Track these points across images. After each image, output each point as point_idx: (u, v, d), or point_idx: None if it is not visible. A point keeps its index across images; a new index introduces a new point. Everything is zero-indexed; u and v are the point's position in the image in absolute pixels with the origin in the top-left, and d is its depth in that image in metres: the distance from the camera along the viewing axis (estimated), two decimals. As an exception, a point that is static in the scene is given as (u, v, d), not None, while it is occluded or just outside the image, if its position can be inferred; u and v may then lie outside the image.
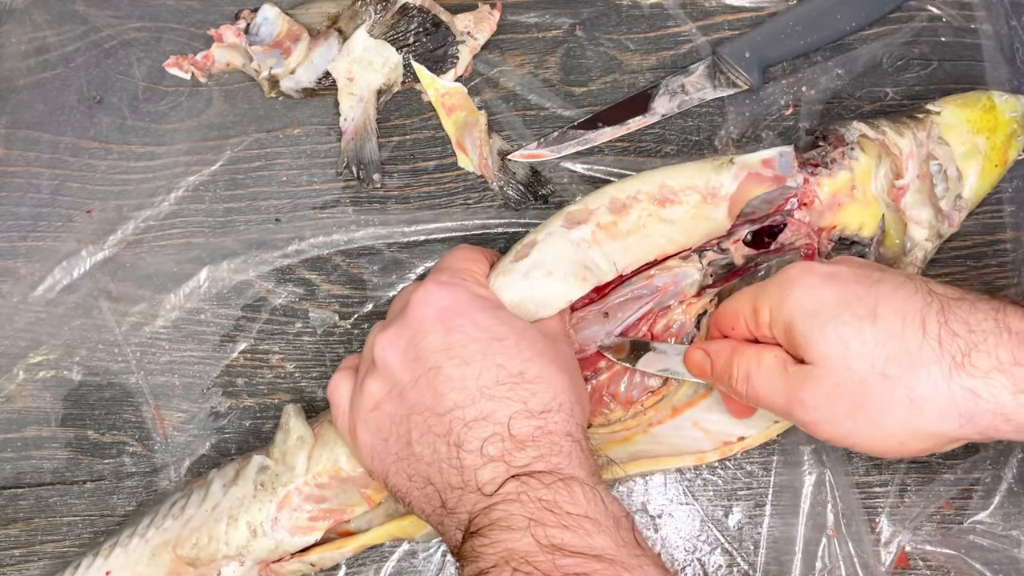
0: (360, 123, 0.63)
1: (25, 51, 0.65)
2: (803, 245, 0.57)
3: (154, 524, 0.56)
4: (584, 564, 0.40)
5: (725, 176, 0.54)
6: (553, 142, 0.62)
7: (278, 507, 0.53)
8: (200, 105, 0.65)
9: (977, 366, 0.42)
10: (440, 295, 0.49)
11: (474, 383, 0.46)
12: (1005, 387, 0.42)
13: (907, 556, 0.57)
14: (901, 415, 0.43)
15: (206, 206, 0.63)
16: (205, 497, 0.55)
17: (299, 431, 0.55)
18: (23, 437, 0.61)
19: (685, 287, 0.56)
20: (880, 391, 0.43)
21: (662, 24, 0.65)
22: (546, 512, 0.42)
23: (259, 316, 0.62)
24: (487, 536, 0.42)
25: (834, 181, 0.56)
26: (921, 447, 0.45)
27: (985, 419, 0.42)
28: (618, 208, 0.54)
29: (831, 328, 0.45)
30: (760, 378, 0.48)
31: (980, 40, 0.63)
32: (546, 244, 0.53)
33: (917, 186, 0.56)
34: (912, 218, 0.56)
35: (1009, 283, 0.60)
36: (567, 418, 0.46)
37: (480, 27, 0.64)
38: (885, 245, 0.57)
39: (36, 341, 0.62)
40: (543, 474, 0.43)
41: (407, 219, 0.62)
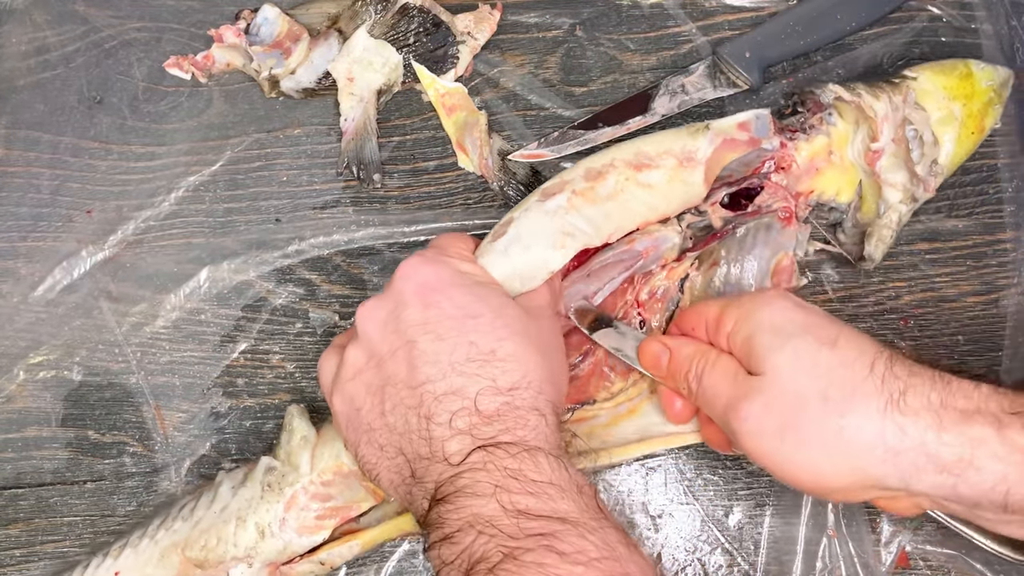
0: (360, 123, 0.63)
1: (25, 51, 0.66)
2: (780, 208, 0.57)
3: (164, 525, 0.56)
4: (548, 526, 0.42)
5: (701, 141, 0.54)
6: (553, 142, 0.62)
7: (285, 507, 0.53)
8: (200, 105, 0.65)
9: (909, 405, 0.44)
10: (422, 270, 0.50)
11: (447, 358, 0.47)
12: (929, 426, 0.43)
13: (907, 556, 0.57)
14: (828, 441, 0.45)
15: (206, 206, 0.63)
16: (214, 499, 0.55)
17: (302, 431, 0.55)
18: (23, 437, 0.61)
19: (665, 251, 0.57)
20: (815, 413, 0.45)
21: (662, 24, 0.65)
22: (511, 479, 0.43)
23: (259, 316, 0.62)
24: (452, 503, 0.43)
25: (811, 146, 0.57)
26: (834, 485, 0.45)
27: (908, 457, 0.44)
28: (594, 175, 0.54)
29: (791, 344, 0.46)
30: (710, 379, 0.49)
31: (980, 40, 0.63)
32: (522, 219, 0.54)
33: (892, 150, 0.56)
34: (887, 181, 0.57)
35: (1009, 283, 0.60)
36: (535, 395, 0.47)
37: (480, 27, 0.64)
38: (862, 211, 0.58)
39: (36, 341, 0.62)
40: (508, 445, 0.44)
41: (407, 219, 0.62)
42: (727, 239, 0.57)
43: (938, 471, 0.43)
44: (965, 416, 0.43)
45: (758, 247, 0.57)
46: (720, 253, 0.57)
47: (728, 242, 0.57)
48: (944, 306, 0.60)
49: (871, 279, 0.61)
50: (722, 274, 0.57)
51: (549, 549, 0.41)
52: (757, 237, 0.57)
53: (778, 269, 0.57)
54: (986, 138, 0.61)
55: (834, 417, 0.44)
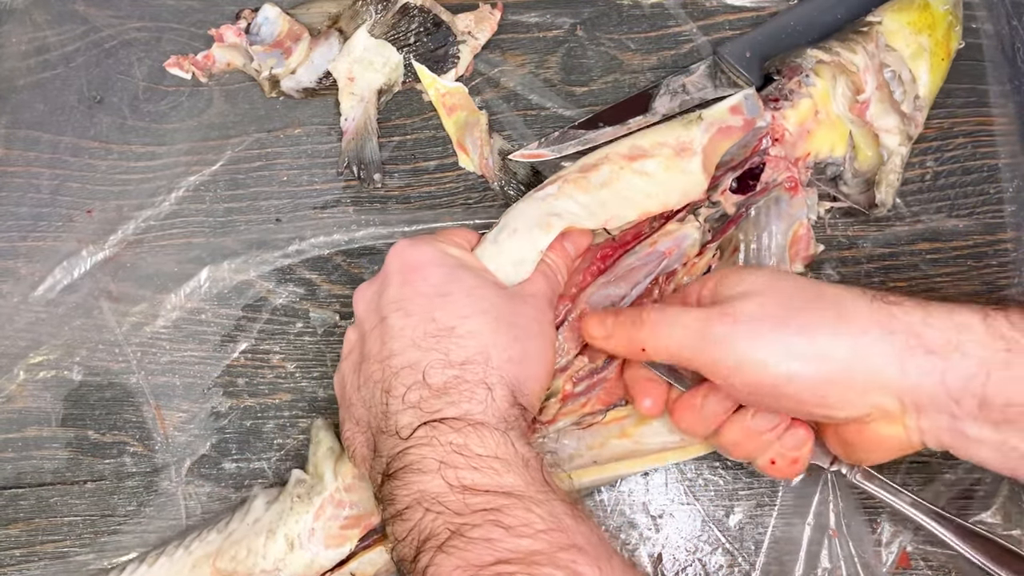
0: (361, 123, 0.63)
1: (25, 51, 0.65)
2: (785, 179, 0.58)
3: (199, 537, 0.56)
4: (493, 500, 0.42)
5: (695, 131, 0.55)
6: (554, 142, 0.62)
7: (314, 517, 0.53)
8: (201, 105, 0.65)
9: (893, 299, 0.45)
10: (409, 251, 0.51)
11: (409, 333, 0.48)
12: (915, 309, 0.45)
13: (908, 556, 0.57)
14: (828, 324, 0.45)
15: (207, 206, 0.63)
16: (248, 512, 0.56)
17: (328, 443, 0.56)
18: (24, 437, 0.61)
19: (687, 248, 0.57)
20: (810, 309, 0.46)
21: (663, 24, 0.65)
22: (455, 455, 0.44)
23: (260, 316, 0.62)
24: (400, 479, 0.44)
25: (798, 111, 0.57)
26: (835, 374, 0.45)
27: (900, 339, 0.44)
28: (587, 168, 0.55)
29: (764, 271, 0.49)
30: (667, 315, 0.48)
31: (981, 40, 0.64)
32: (512, 210, 0.55)
33: (878, 96, 0.57)
34: (881, 128, 0.58)
35: (1009, 283, 0.60)
36: (486, 369, 0.47)
37: (481, 27, 0.64)
38: (858, 160, 0.58)
39: (36, 341, 0.62)
40: (453, 420, 0.45)
41: (408, 219, 0.62)
42: (742, 222, 0.58)
43: (927, 352, 0.44)
44: (950, 309, 0.45)
45: (772, 222, 0.58)
46: (738, 237, 0.58)
47: (744, 225, 0.58)
48: (945, 306, 0.60)
49: (871, 279, 0.61)
50: (743, 257, 0.58)
51: (495, 524, 0.41)
52: (770, 213, 0.58)
53: (795, 239, 0.58)
54: (988, 138, 0.61)
55: (828, 310, 0.45)
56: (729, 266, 0.58)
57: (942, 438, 0.45)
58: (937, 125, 0.63)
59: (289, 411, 0.61)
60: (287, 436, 0.60)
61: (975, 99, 0.63)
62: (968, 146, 0.63)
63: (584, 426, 0.57)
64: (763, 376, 0.45)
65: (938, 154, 0.62)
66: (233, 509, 0.57)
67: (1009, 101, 0.63)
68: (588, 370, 0.56)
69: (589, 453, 0.56)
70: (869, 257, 0.61)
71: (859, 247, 0.61)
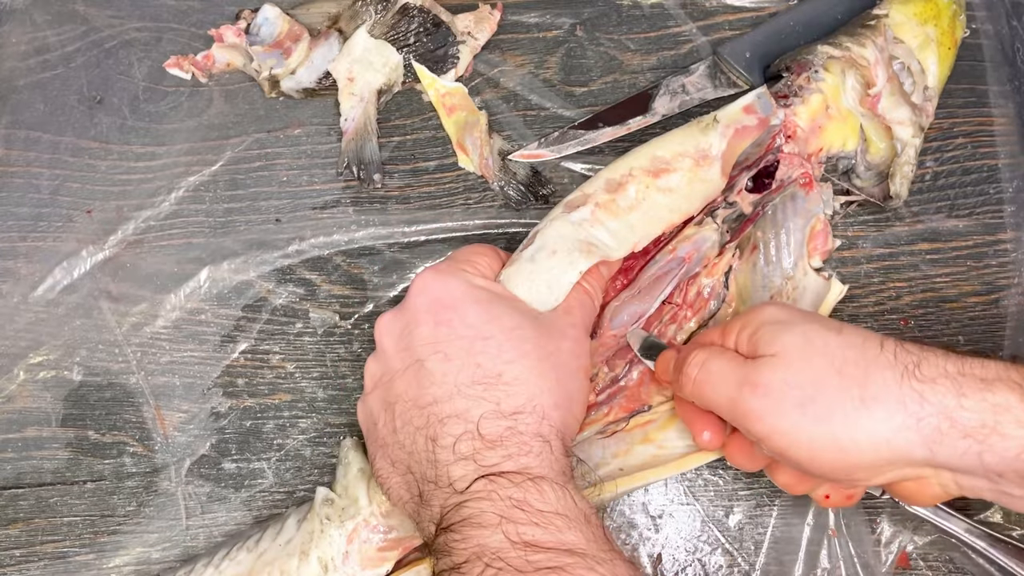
0: (360, 123, 0.63)
1: (25, 51, 0.65)
2: (799, 175, 0.58)
3: (229, 556, 0.55)
4: (556, 559, 0.41)
5: (713, 136, 0.55)
6: (553, 142, 0.62)
7: (347, 540, 0.53)
8: (201, 105, 0.65)
9: (925, 374, 0.43)
10: (435, 285, 0.50)
11: (452, 379, 0.46)
12: (948, 391, 0.42)
13: (908, 556, 0.57)
14: (850, 413, 0.43)
15: (206, 206, 0.63)
16: (280, 531, 0.55)
17: (358, 463, 0.55)
18: (23, 437, 0.61)
19: (707, 250, 0.57)
20: (834, 386, 0.44)
21: (663, 24, 0.65)
22: (516, 510, 0.43)
23: (260, 316, 0.62)
24: (459, 532, 0.43)
25: (809, 107, 0.58)
26: (858, 460, 0.44)
27: (931, 423, 0.42)
28: (614, 187, 0.54)
29: (800, 328, 0.46)
30: (715, 362, 0.48)
31: (981, 40, 0.64)
32: (548, 229, 0.54)
33: (889, 89, 0.57)
34: (893, 120, 0.58)
35: (1009, 283, 0.60)
36: (539, 420, 0.46)
37: (481, 27, 0.64)
38: (871, 153, 0.58)
39: (36, 341, 0.62)
40: (512, 474, 0.44)
41: (408, 219, 0.62)
42: (759, 221, 0.58)
43: (962, 436, 0.42)
44: (985, 383, 0.42)
45: (789, 219, 0.58)
46: (756, 236, 0.58)
47: (761, 223, 0.58)
48: (944, 306, 0.60)
49: (871, 279, 0.61)
50: (762, 255, 0.58)
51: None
52: (787, 210, 0.58)
53: (813, 235, 0.58)
54: (988, 138, 0.61)
55: (853, 389, 0.43)
56: (748, 265, 0.58)
57: (983, 495, 0.45)
58: (937, 125, 0.63)
59: (289, 411, 0.61)
60: (287, 436, 0.60)
61: (975, 99, 0.63)
62: (968, 146, 0.63)
63: (608, 434, 0.57)
64: (790, 450, 0.45)
65: (938, 154, 0.63)
66: (263, 526, 0.57)
67: (1009, 101, 0.63)
68: (609, 379, 0.56)
69: (615, 461, 0.56)
70: (869, 257, 0.61)
71: (859, 247, 0.61)
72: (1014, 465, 0.42)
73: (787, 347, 0.45)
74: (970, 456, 0.42)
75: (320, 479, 0.60)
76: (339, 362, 0.61)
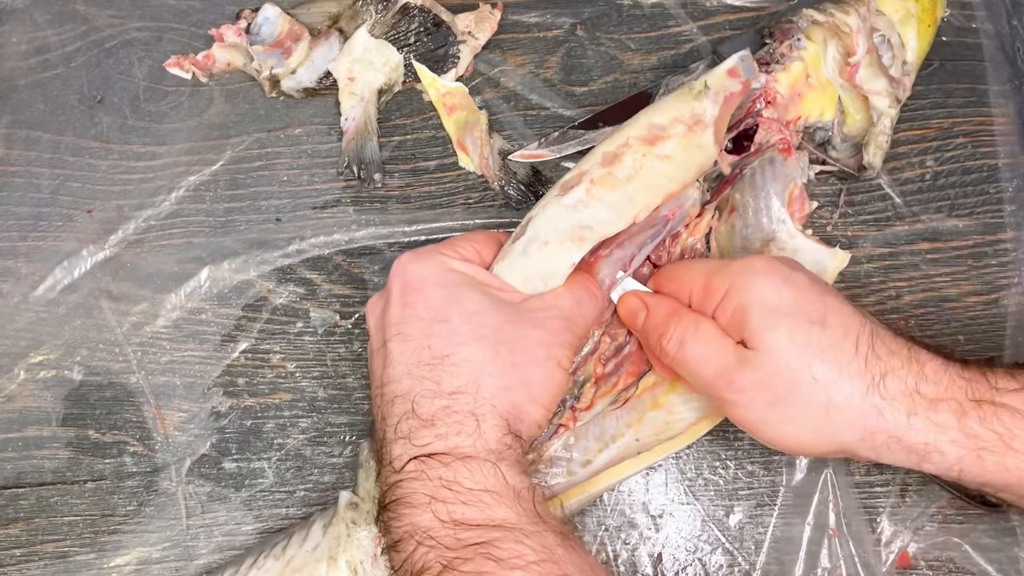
0: (361, 123, 0.63)
1: (26, 51, 0.65)
2: (778, 140, 0.58)
3: (256, 564, 0.55)
4: (484, 534, 0.43)
5: (705, 102, 0.55)
6: (554, 142, 0.62)
7: (374, 543, 0.53)
8: (201, 105, 0.65)
9: (888, 389, 0.46)
10: (411, 267, 0.51)
11: (405, 360, 0.48)
12: (903, 410, 0.46)
13: (908, 556, 0.57)
14: (815, 418, 0.47)
15: (207, 206, 0.63)
16: (306, 537, 0.55)
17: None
18: (24, 437, 0.61)
19: (689, 208, 0.57)
20: (806, 391, 0.47)
21: (663, 24, 0.65)
22: (445, 489, 0.44)
23: (260, 316, 0.62)
24: (393, 511, 0.45)
25: (790, 74, 0.58)
26: (812, 451, 0.50)
27: (881, 437, 0.47)
28: (610, 159, 0.54)
29: (784, 324, 0.47)
30: (695, 346, 0.49)
31: (981, 40, 0.64)
32: (540, 217, 0.54)
33: (868, 60, 0.58)
34: (871, 91, 0.59)
35: (1009, 283, 0.60)
36: (477, 399, 0.47)
37: (481, 27, 0.64)
38: (847, 125, 0.59)
39: (37, 341, 0.62)
40: (441, 455, 0.45)
41: (408, 219, 0.62)
42: (739, 183, 0.58)
43: (905, 451, 0.47)
44: (933, 403, 0.46)
45: (768, 183, 0.58)
46: (735, 198, 0.58)
47: (740, 185, 0.58)
48: (944, 306, 0.60)
49: (871, 279, 0.61)
50: (742, 218, 0.58)
51: (487, 557, 0.42)
52: (765, 174, 0.58)
53: (791, 200, 0.58)
54: (988, 138, 0.61)
55: (822, 396, 0.47)
56: (728, 226, 0.58)
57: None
58: (937, 125, 0.63)
59: (289, 411, 0.61)
60: (287, 436, 0.60)
61: (975, 99, 0.63)
62: (968, 146, 0.63)
63: (621, 403, 0.57)
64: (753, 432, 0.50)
65: (938, 154, 0.63)
66: (288, 533, 0.56)
67: (1009, 101, 0.63)
68: (613, 348, 0.56)
69: (629, 432, 0.57)
70: (869, 257, 0.61)
71: (859, 247, 0.61)
72: (946, 473, 0.48)
73: (770, 346, 0.47)
74: (909, 463, 0.48)
75: (320, 479, 0.60)
76: (339, 361, 0.61)
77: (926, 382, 0.47)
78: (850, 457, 0.50)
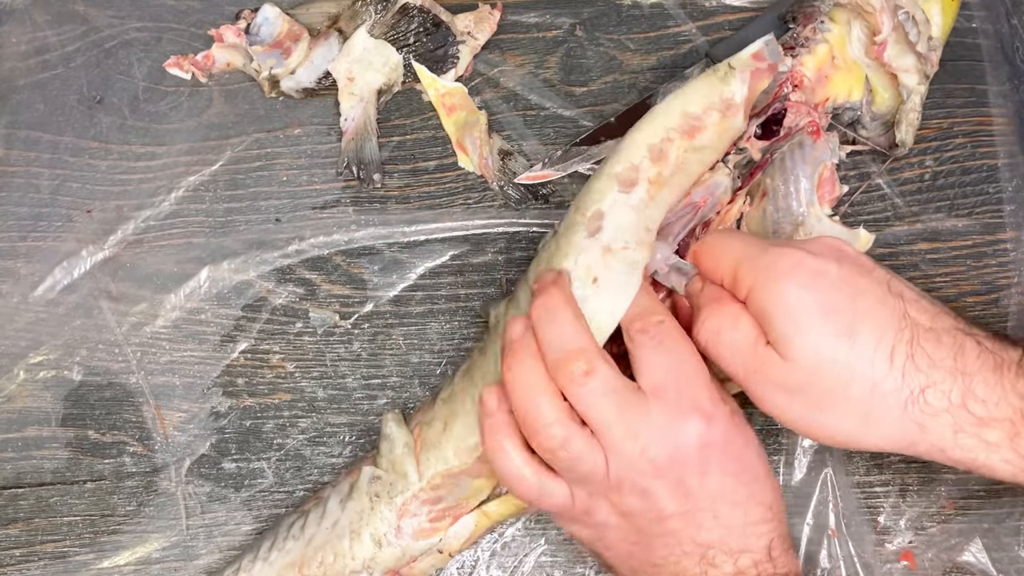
0: (360, 123, 0.63)
1: (25, 51, 0.65)
2: (806, 123, 0.58)
3: (275, 547, 0.55)
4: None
5: (734, 84, 0.53)
6: (558, 161, 0.62)
7: (398, 515, 0.53)
8: (200, 105, 0.65)
9: (931, 403, 0.44)
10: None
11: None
12: (948, 425, 0.44)
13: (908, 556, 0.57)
14: (852, 427, 0.46)
15: (206, 206, 0.63)
16: (324, 515, 0.55)
17: (403, 438, 0.54)
18: (23, 437, 0.61)
19: (720, 195, 0.57)
20: (840, 403, 0.45)
21: (662, 24, 0.65)
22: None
23: (259, 316, 0.62)
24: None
25: (815, 56, 0.58)
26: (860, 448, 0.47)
27: (924, 447, 0.45)
28: (657, 155, 0.53)
29: (811, 338, 0.45)
30: (730, 339, 0.47)
31: (980, 39, 0.64)
32: (612, 214, 0.52)
33: (894, 37, 0.57)
34: (899, 68, 0.58)
35: (1009, 283, 0.60)
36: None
37: (480, 27, 0.64)
38: (876, 103, 0.59)
39: (36, 341, 0.62)
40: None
41: (407, 219, 0.62)
42: (769, 167, 0.58)
43: (952, 462, 0.45)
44: (982, 421, 0.44)
45: (798, 166, 0.58)
46: (766, 183, 0.58)
47: (770, 170, 0.58)
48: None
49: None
50: (773, 202, 0.58)
51: None
52: (795, 157, 0.58)
53: (821, 182, 0.58)
54: (987, 138, 0.61)
55: (858, 409, 0.45)
56: (759, 211, 0.58)
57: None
58: (936, 125, 0.63)
59: (289, 411, 0.61)
60: (287, 436, 0.60)
61: (975, 99, 0.63)
62: (968, 146, 0.63)
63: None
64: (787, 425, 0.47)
65: (938, 154, 0.63)
66: (304, 511, 0.57)
67: (1009, 101, 0.63)
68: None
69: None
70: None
71: (859, 247, 0.61)
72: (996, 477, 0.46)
73: (797, 360, 0.45)
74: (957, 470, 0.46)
75: (320, 478, 0.60)
76: (339, 362, 0.61)
77: (974, 399, 0.44)
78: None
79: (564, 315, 0.48)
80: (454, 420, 0.53)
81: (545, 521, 0.59)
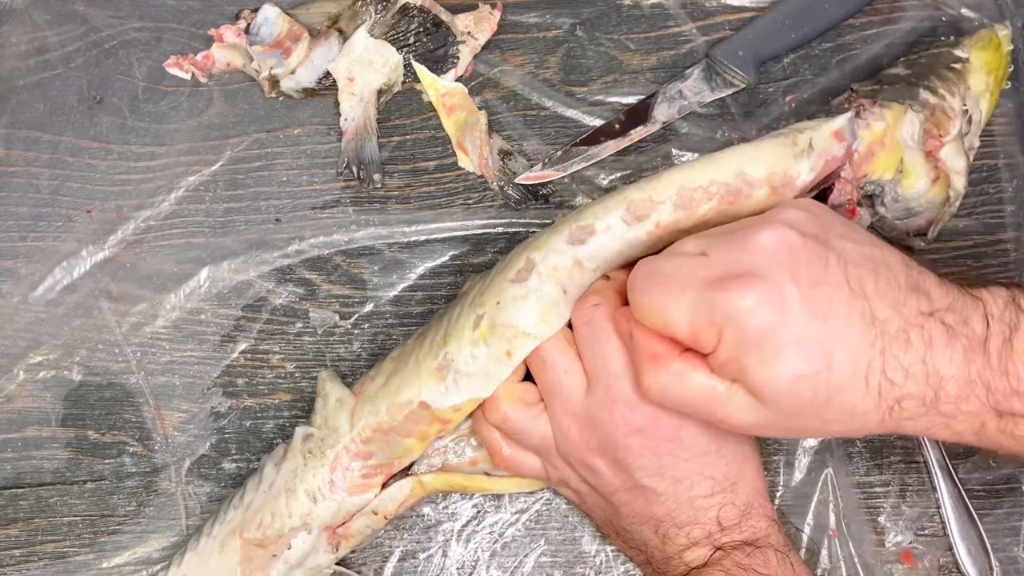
0: (360, 123, 0.63)
1: (25, 51, 0.65)
2: (846, 202, 0.56)
3: (218, 521, 0.56)
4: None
5: (804, 165, 0.51)
6: (558, 161, 0.62)
7: (330, 469, 0.54)
8: (200, 105, 0.65)
9: (905, 409, 0.44)
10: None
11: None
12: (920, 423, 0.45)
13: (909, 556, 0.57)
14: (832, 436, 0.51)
15: (206, 206, 0.63)
16: (260, 480, 0.56)
17: (337, 393, 0.55)
18: (23, 437, 0.61)
19: None
20: (817, 424, 0.45)
21: (662, 24, 0.65)
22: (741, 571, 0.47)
23: (259, 316, 0.62)
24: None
25: (871, 132, 0.56)
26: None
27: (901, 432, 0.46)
28: (686, 202, 0.50)
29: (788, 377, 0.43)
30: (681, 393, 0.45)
31: (980, 40, 0.63)
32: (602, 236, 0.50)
33: (955, 142, 0.56)
34: (952, 169, 0.56)
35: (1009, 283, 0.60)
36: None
37: (480, 27, 0.64)
38: (903, 185, 0.56)
39: (36, 341, 0.62)
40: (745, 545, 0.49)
41: (407, 219, 0.62)
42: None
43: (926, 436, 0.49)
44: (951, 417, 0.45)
45: None
46: None
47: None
48: (944, 306, 0.60)
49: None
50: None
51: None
52: None
53: None
54: (987, 138, 0.61)
55: (836, 427, 0.45)
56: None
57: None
58: (937, 125, 0.63)
59: (289, 411, 0.61)
60: (287, 436, 0.60)
61: (975, 99, 0.63)
62: (968, 146, 0.62)
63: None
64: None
65: (938, 154, 0.62)
66: (243, 484, 0.57)
67: (1009, 101, 0.63)
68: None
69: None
70: (869, 257, 0.61)
71: (859, 247, 0.61)
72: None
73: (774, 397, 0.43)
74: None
75: (320, 479, 0.60)
76: (339, 362, 0.61)
77: (947, 400, 0.44)
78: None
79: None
80: (395, 376, 0.54)
81: (545, 521, 0.59)
